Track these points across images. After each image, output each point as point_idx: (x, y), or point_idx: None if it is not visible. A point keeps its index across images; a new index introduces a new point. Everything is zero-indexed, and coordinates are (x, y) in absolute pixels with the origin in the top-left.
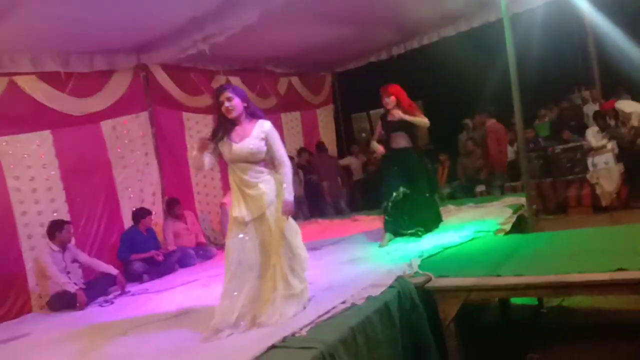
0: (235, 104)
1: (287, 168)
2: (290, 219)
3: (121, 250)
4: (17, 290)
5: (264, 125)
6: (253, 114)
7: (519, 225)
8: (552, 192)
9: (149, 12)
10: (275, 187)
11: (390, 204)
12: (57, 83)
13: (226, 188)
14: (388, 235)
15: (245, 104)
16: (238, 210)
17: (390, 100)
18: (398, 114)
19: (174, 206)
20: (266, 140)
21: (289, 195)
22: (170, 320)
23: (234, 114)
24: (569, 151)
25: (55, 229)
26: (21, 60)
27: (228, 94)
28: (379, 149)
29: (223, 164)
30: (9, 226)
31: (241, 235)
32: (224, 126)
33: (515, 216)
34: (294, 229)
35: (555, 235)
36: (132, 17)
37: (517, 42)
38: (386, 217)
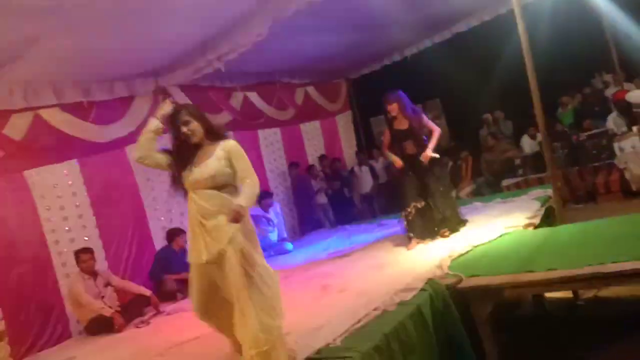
0: (193, 128)
1: (251, 182)
2: (239, 235)
3: (154, 268)
4: (56, 317)
5: (226, 145)
6: (215, 135)
7: (548, 218)
8: (580, 181)
9: (162, 37)
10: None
11: (410, 212)
12: (80, 112)
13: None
14: (414, 240)
15: (205, 125)
16: (194, 252)
17: (393, 107)
18: (426, 157)
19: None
20: (229, 160)
21: (244, 201)
22: (204, 338)
23: (195, 139)
24: (594, 138)
25: (75, 258)
26: (44, 93)
27: (184, 117)
28: (397, 162)
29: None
30: (44, 256)
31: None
32: (184, 153)
33: (543, 208)
34: (250, 253)
35: (586, 226)
36: (147, 43)
37: (530, 32)
38: (408, 223)
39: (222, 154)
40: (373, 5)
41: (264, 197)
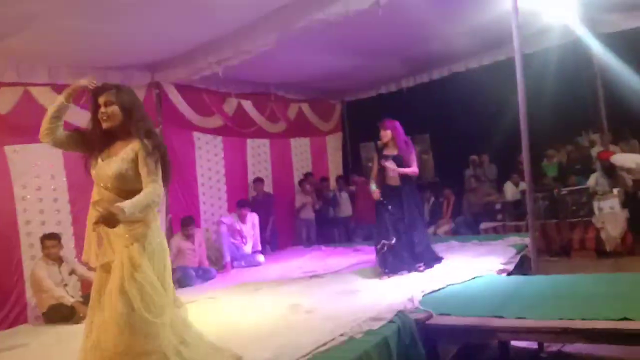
0: (114, 111)
1: (150, 190)
2: (136, 252)
3: None
4: (14, 299)
5: (137, 143)
6: (135, 129)
7: (522, 266)
8: (556, 234)
9: (166, 32)
10: (140, 229)
11: (385, 243)
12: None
13: (232, 208)
14: (387, 273)
15: (129, 115)
16: (87, 252)
17: (386, 134)
18: (393, 169)
19: (187, 225)
20: (136, 163)
21: (128, 207)
22: None
23: (108, 124)
24: (575, 193)
25: (41, 243)
26: (38, 71)
27: (108, 97)
28: (374, 193)
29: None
30: (12, 234)
31: None
32: (94, 139)
33: (518, 256)
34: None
35: (559, 279)
36: (149, 35)
37: (526, 82)
38: (382, 256)
39: (130, 155)
40: (377, 35)
41: (241, 206)
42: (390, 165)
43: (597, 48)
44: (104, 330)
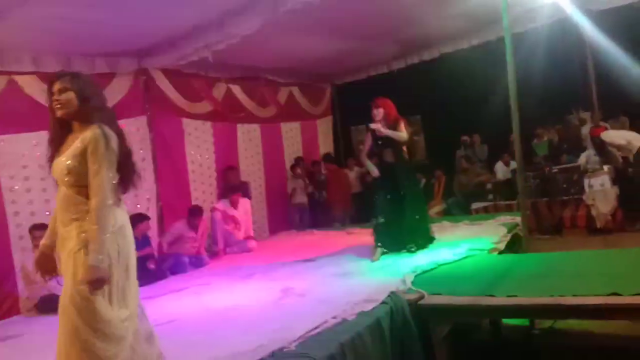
0: (68, 98)
1: (95, 203)
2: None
3: None
4: (6, 291)
5: (86, 135)
6: (87, 115)
7: (514, 245)
8: (548, 212)
9: (152, 17)
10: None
11: (380, 221)
12: None
13: (221, 195)
14: (379, 251)
15: (85, 101)
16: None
17: (378, 112)
18: (378, 129)
19: (196, 216)
20: (85, 156)
21: (94, 257)
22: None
23: (62, 111)
24: (565, 172)
25: (30, 233)
26: (22, 60)
27: (63, 83)
28: (374, 172)
29: (224, 164)
30: (1, 226)
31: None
32: (53, 134)
33: (509, 235)
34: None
35: (550, 257)
36: (135, 20)
37: (516, 62)
38: (377, 234)
39: (79, 147)
40: (365, 16)
41: (232, 191)
42: (376, 126)
43: (587, 26)
44: (60, 342)
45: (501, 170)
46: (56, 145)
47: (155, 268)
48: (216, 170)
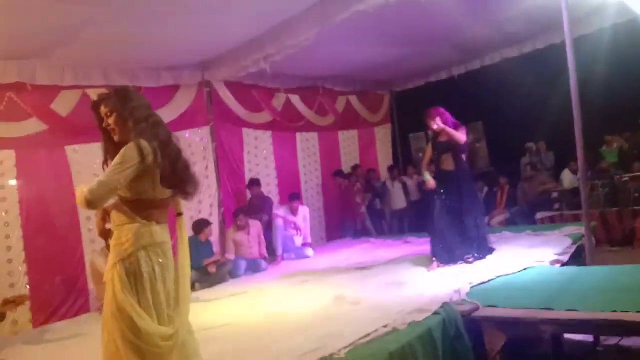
0: (111, 123)
1: (93, 184)
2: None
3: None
4: (77, 291)
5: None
6: (128, 136)
7: (579, 257)
8: (618, 223)
9: (213, 32)
10: (127, 244)
11: (436, 231)
12: None
13: (284, 201)
14: (436, 263)
15: (124, 121)
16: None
17: (437, 122)
18: (439, 126)
19: (237, 215)
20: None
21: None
22: (213, 330)
23: (116, 138)
24: (637, 180)
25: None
26: (93, 75)
27: (108, 107)
28: (430, 182)
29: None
30: (75, 231)
31: None
32: (109, 145)
33: (574, 246)
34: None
35: (616, 270)
36: (197, 36)
37: (583, 65)
38: (433, 245)
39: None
40: (423, 22)
41: (292, 199)
42: (437, 123)
43: None
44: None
45: (568, 178)
46: (110, 158)
47: (215, 272)
48: (277, 177)
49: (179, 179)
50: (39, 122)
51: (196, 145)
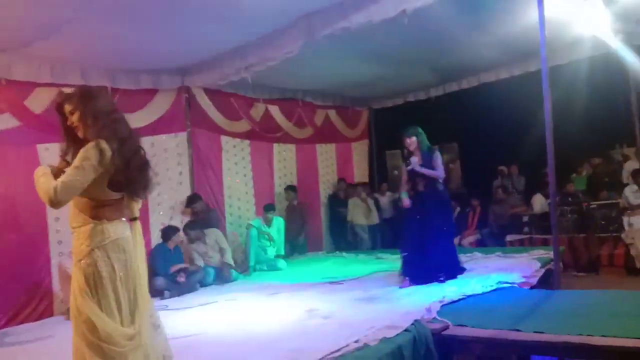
0: (74, 120)
1: (57, 184)
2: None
3: (156, 265)
4: (42, 293)
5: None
6: (88, 136)
7: (547, 280)
8: (585, 249)
9: (195, 38)
10: (82, 247)
11: (405, 253)
12: None
13: (259, 211)
14: (406, 281)
15: (86, 120)
16: None
17: (412, 142)
18: (414, 165)
19: (185, 232)
20: None
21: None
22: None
23: (80, 134)
24: (604, 208)
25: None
26: (71, 73)
27: (71, 105)
28: (404, 201)
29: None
30: (41, 231)
31: None
32: (71, 145)
33: (542, 270)
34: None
35: (582, 294)
36: (179, 40)
37: (557, 94)
38: (403, 264)
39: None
40: (402, 44)
41: (267, 210)
42: (413, 160)
43: (632, 60)
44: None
45: (539, 202)
46: (70, 158)
47: (184, 280)
48: (253, 187)
49: (130, 179)
50: (12, 118)
51: (172, 150)
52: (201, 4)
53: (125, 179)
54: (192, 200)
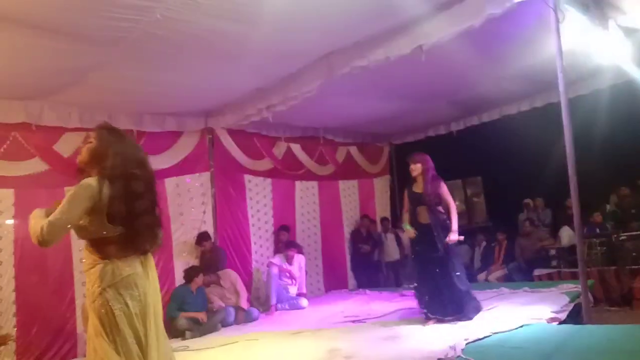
0: (87, 148)
1: (45, 224)
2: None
3: (171, 307)
4: (66, 334)
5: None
6: (89, 172)
7: (576, 315)
8: (616, 282)
9: (218, 81)
10: (93, 288)
11: (415, 286)
12: None
13: (277, 249)
14: (432, 320)
15: (96, 154)
16: None
17: (416, 168)
18: (452, 241)
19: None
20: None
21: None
22: None
23: (78, 159)
24: (635, 239)
25: None
26: (99, 118)
27: (92, 135)
28: (409, 232)
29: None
30: (67, 272)
31: None
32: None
33: (572, 304)
34: None
35: (614, 330)
36: (202, 83)
37: (581, 124)
38: (419, 299)
39: None
40: (420, 79)
41: (288, 247)
42: (453, 237)
43: None
44: None
45: (566, 235)
46: None
47: (206, 320)
48: (273, 224)
49: (130, 211)
50: (41, 162)
51: (195, 190)
52: (223, 47)
53: (126, 211)
54: (202, 238)
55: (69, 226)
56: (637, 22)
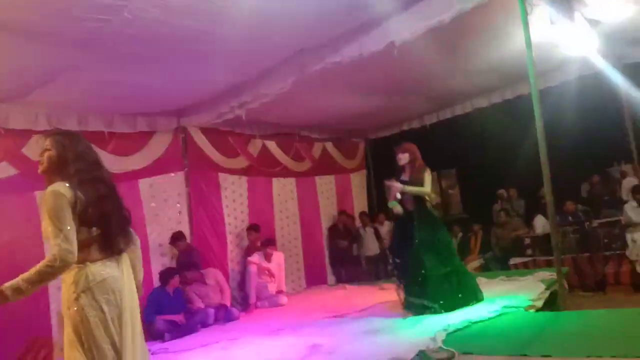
0: (48, 156)
1: (50, 258)
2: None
3: (147, 311)
4: (41, 341)
5: (45, 193)
6: (52, 179)
7: (553, 302)
8: (590, 268)
9: (189, 79)
10: (68, 293)
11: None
12: (100, 142)
13: (248, 248)
14: (406, 311)
15: (57, 161)
16: None
17: (404, 157)
18: (397, 187)
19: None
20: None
21: (12, 285)
22: None
23: (39, 169)
24: (606, 226)
25: None
26: (68, 120)
27: (48, 143)
28: (396, 208)
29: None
30: None
31: None
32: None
33: (548, 292)
34: None
35: (589, 314)
36: (174, 82)
37: (551, 115)
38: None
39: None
40: (393, 75)
41: (266, 245)
42: (393, 184)
43: (620, 79)
44: None
45: (541, 224)
46: None
47: (184, 322)
48: (249, 222)
49: (103, 213)
50: (9, 167)
51: (170, 191)
52: (194, 46)
53: (100, 214)
54: (175, 238)
55: (74, 232)
56: (599, 14)
